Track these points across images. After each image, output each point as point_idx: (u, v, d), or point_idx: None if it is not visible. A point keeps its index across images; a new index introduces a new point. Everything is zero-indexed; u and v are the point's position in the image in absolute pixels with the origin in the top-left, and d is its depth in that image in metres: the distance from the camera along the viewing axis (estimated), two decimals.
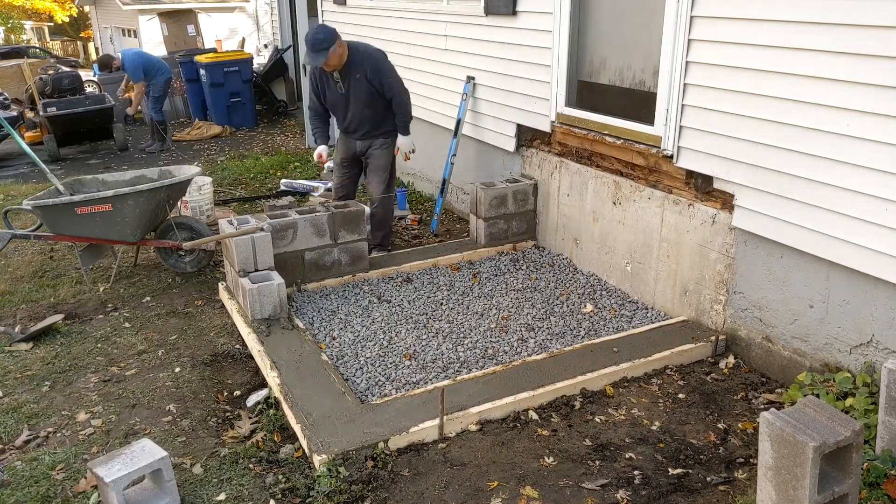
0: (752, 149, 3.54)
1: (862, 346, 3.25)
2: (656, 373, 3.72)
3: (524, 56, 5.16)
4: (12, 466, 3.17)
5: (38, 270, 5.54)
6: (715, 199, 3.86)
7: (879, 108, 2.94)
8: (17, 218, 6.57)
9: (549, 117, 5.03)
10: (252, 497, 2.92)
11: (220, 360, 4.07)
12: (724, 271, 3.86)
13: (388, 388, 3.62)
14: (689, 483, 2.90)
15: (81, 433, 3.41)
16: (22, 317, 4.71)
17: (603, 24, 4.61)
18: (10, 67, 13.07)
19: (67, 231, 4.88)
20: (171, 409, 3.59)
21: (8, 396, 3.75)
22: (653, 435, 3.22)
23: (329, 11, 8.71)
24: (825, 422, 2.32)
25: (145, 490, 2.75)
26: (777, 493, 2.36)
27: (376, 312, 4.46)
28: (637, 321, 4.27)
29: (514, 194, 5.33)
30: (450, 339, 4.12)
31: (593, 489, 2.87)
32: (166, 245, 5.20)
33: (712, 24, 3.65)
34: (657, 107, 4.09)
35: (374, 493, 2.87)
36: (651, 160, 4.23)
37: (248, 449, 3.22)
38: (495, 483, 2.91)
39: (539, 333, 4.15)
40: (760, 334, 3.73)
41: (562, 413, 3.38)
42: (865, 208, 3.06)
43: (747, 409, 3.42)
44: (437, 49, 6.35)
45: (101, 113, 9.82)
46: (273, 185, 7.89)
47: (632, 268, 4.54)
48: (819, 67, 3.15)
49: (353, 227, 4.91)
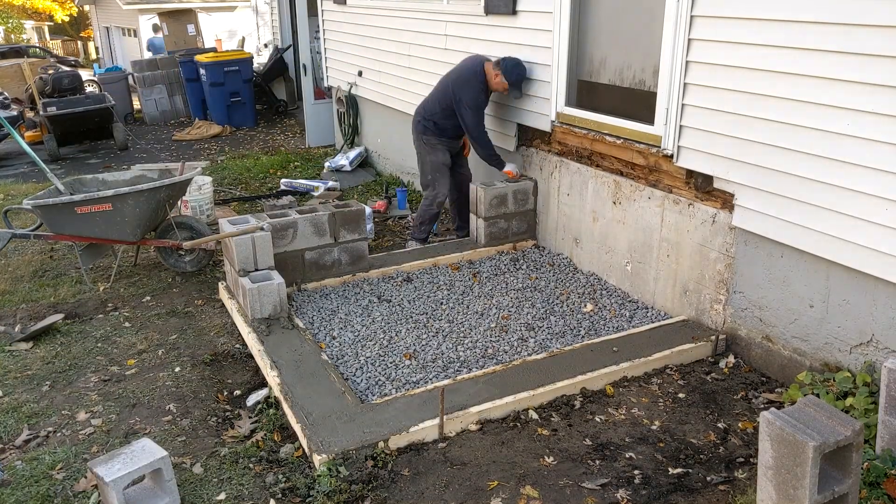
0: (752, 148, 3.53)
1: (862, 346, 3.24)
2: (656, 372, 3.72)
3: (524, 55, 5.15)
4: (12, 466, 3.17)
5: (38, 270, 5.54)
6: (715, 198, 3.86)
7: (880, 107, 2.94)
8: (17, 217, 6.56)
9: (549, 117, 5.03)
10: (252, 496, 2.92)
11: (220, 359, 4.07)
12: (724, 271, 3.86)
13: (388, 388, 3.62)
14: (690, 482, 2.90)
15: (81, 433, 3.41)
16: (22, 316, 4.71)
17: (603, 23, 4.61)
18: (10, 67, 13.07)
19: (67, 230, 4.88)
20: (172, 408, 3.59)
21: (8, 396, 3.75)
22: (653, 434, 3.22)
23: (329, 11, 8.70)
24: (825, 421, 2.32)
25: (145, 489, 2.75)
26: (777, 492, 2.36)
27: (376, 312, 4.46)
28: (637, 321, 4.27)
29: (514, 194, 5.33)
30: (450, 338, 4.11)
31: (593, 489, 2.87)
32: (166, 244, 5.20)
33: (713, 24, 3.65)
34: (657, 106, 4.09)
35: (374, 493, 2.87)
36: (651, 160, 4.23)
37: (248, 448, 3.22)
38: (495, 483, 2.91)
39: (539, 333, 4.15)
40: (760, 334, 3.73)
41: (562, 413, 3.38)
42: (865, 208, 3.06)
43: (747, 408, 3.42)
44: (438, 49, 6.34)
45: (101, 113, 9.82)
46: (273, 184, 7.90)
47: (632, 267, 4.54)
48: (820, 67, 3.15)
49: (354, 226, 4.91)
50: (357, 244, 4.96)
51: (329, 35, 8.88)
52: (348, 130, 8.70)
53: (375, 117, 8.21)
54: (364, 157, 8.48)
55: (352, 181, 7.83)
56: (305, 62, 9.60)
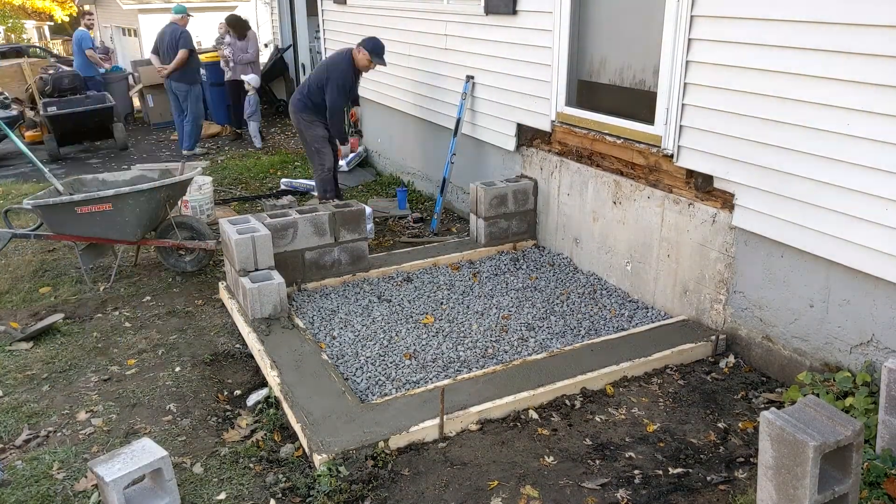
0: (752, 148, 3.53)
1: (862, 346, 3.24)
2: (656, 372, 3.72)
3: (524, 55, 5.16)
4: (12, 466, 3.17)
5: (38, 270, 5.53)
6: (715, 198, 3.86)
7: (879, 107, 2.94)
8: (17, 217, 6.56)
9: (550, 117, 5.03)
10: (252, 496, 2.92)
11: (221, 359, 4.07)
12: (725, 271, 3.86)
13: (389, 388, 3.62)
14: (690, 482, 2.90)
15: (81, 432, 3.41)
16: (22, 316, 4.71)
17: (603, 23, 4.61)
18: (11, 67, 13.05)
19: (68, 231, 4.88)
20: (172, 408, 3.59)
21: (8, 396, 3.75)
22: (653, 434, 3.22)
23: (329, 11, 8.70)
24: (825, 421, 2.32)
25: (145, 489, 2.74)
26: (777, 492, 2.36)
27: (376, 312, 4.46)
28: (637, 320, 4.27)
29: (515, 194, 5.33)
30: (450, 338, 4.11)
31: (593, 489, 2.87)
32: (166, 244, 5.20)
33: (713, 24, 3.65)
34: (657, 106, 4.09)
35: (374, 493, 2.87)
36: (651, 159, 4.23)
37: (249, 448, 3.22)
38: (495, 482, 2.91)
39: (539, 333, 4.14)
40: (760, 334, 3.73)
41: (562, 412, 3.38)
42: (865, 208, 3.06)
43: (747, 408, 3.42)
44: (437, 48, 6.34)
45: (102, 112, 9.81)
46: (273, 184, 7.89)
47: (632, 267, 4.54)
48: (820, 67, 3.15)
49: (354, 226, 4.91)
50: (357, 244, 4.96)
51: (329, 35, 8.88)
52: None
53: (375, 117, 8.21)
54: (363, 156, 8.48)
55: (352, 181, 7.83)
56: (305, 62, 9.58)
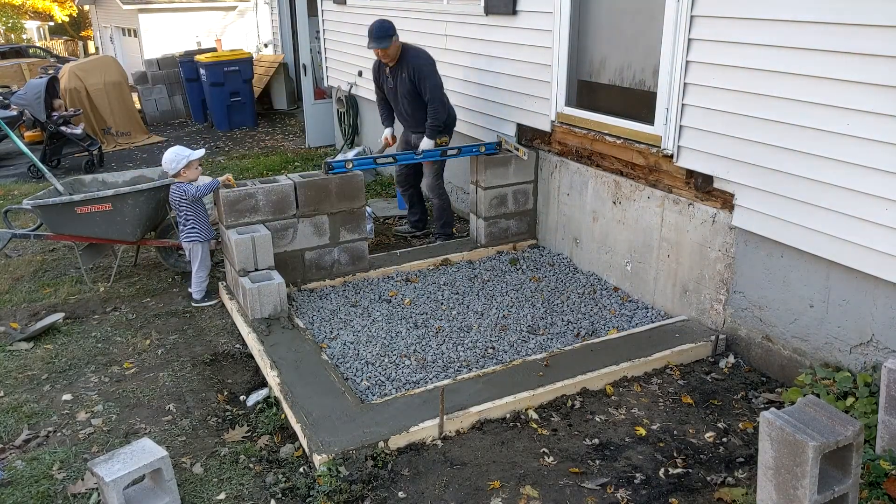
0: (752, 148, 3.53)
1: (862, 346, 3.24)
2: (656, 372, 3.72)
3: (524, 55, 5.16)
4: (12, 466, 3.17)
5: (38, 270, 5.53)
6: (715, 198, 3.86)
7: (880, 107, 2.94)
8: (17, 217, 6.56)
9: (550, 117, 5.03)
10: (252, 496, 2.92)
11: (221, 359, 4.07)
12: (724, 271, 3.85)
13: (388, 388, 3.62)
14: (689, 483, 2.90)
15: (81, 432, 3.41)
16: (22, 316, 4.71)
17: (603, 23, 4.61)
18: (11, 67, 13.06)
19: (67, 230, 4.88)
20: (172, 408, 3.59)
21: (8, 396, 3.75)
22: (653, 434, 3.22)
23: (329, 11, 8.70)
24: (825, 421, 2.32)
25: (145, 489, 2.75)
26: (777, 492, 2.36)
27: (376, 312, 4.46)
28: (637, 320, 4.27)
29: (514, 194, 5.33)
30: (450, 338, 4.11)
31: (593, 489, 2.87)
32: (166, 244, 5.20)
33: (712, 24, 3.65)
34: (657, 106, 4.09)
35: (374, 493, 2.87)
36: (651, 160, 4.23)
37: (248, 448, 3.22)
38: (495, 482, 2.91)
39: (539, 333, 4.14)
40: (760, 334, 3.73)
41: (562, 412, 3.38)
42: (865, 208, 3.06)
43: (747, 408, 3.42)
44: (438, 48, 6.34)
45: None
46: None
47: (632, 267, 4.54)
48: (819, 67, 3.15)
49: (354, 226, 4.91)
50: (357, 244, 4.96)
51: (329, 35, 8.88)
52: (348, 130, 8.70)
53: (376, 117, 8.20)
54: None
55: None
56: (305, 62, 9.59)
